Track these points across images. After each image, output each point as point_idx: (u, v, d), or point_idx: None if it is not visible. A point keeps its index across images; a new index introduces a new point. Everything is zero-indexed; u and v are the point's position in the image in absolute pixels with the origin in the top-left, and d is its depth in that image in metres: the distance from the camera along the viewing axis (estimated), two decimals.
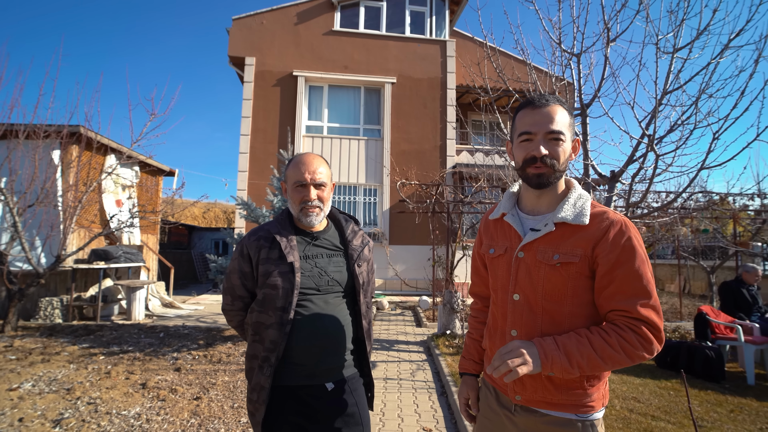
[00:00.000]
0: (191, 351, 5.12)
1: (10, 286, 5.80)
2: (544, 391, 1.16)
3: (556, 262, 1.14)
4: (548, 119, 1.15)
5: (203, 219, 31.31)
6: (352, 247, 1.60)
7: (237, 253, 1.55)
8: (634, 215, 5.44)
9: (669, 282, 14.14)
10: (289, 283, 1.43)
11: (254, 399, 1.44)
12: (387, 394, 4.12)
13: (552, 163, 1.16)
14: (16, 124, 5.88)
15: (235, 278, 1.54)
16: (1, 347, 5.08)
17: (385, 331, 7.28)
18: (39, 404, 3.41)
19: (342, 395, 1.50)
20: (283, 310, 1.42)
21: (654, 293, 1.08)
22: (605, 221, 1.13)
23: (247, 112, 11.89)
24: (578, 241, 1.14)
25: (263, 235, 1.53)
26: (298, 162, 1.54)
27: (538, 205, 1.25)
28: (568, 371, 1.05)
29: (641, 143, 4.82)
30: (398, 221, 11.73)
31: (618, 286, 1.09)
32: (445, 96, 12.51)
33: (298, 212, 1.53)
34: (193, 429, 3.07)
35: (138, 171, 9.23)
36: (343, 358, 1.53)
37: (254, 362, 1.47)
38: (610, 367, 1.06)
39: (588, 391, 1.15)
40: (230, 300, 1.57)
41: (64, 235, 6.04)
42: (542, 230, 1.18)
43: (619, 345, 1.04)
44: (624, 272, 1.08)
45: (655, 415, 3.57)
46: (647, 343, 1.05)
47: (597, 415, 1.16)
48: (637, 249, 1.10)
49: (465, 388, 1.43)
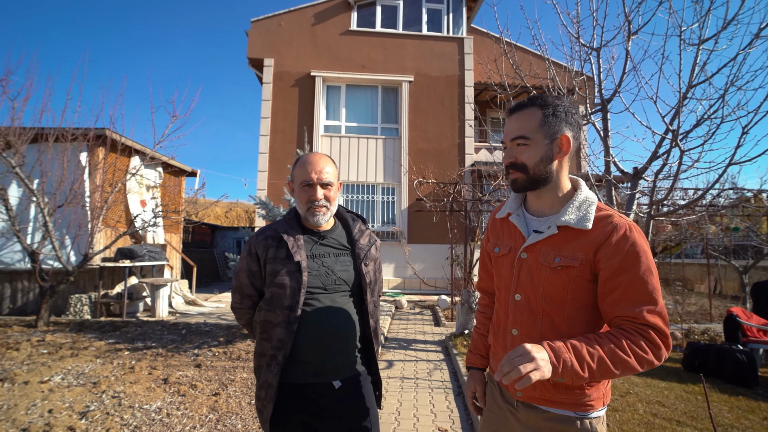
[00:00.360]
0: (211, 348, 5.23)
1: (42, 283, 6.04)
2: (543, 390, 1.17)
3: (557, 265, 1.14)
4: (513, 126, 1.17)
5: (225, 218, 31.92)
6: (359, 246, 1.61)
7: (245, 252, 1.56)
8: (659, 213, 5.27)
9: (698, 282, 13.65)
10: (296, 282, 1.45)
11: (262, 396, 1.46)
12: (403, 393, 4.12)
13: (522, 167, 1.17)
14: (47, 128, 6.12)
15: (244, 277, 1.56)
16: (35, 341, 5.30)
17: (403, 331, 7.27)
18: (67, 397, 3.54)
19: (349, 393, 1.50)
20: (291, 309, 1.43)
21: (660, 300, 1.06)
22: (609, 225, 1.12)
23: (266, 113, 12.05)
24: (580, 245, 1.13)
25: (271, 234, 1.54)
26: (305, 162, 1.54)
27: (541, 206, 1.25)
28: (580, 377, 1.01)
29: (665, 139, 4.66)
30: (417, 220, 11.69)
31: (623, 292, 1.07)
32: (463, 94, 12.39)
33: (305, 212, 1.54)
34: (211, 424, 3.13)
35: (161, 172, 9.47)
36: (350, 356, 1.54)
37: (262, 360, 1.49)
38: (620, 373, 1.03)
39: (587, 391, 1.15)
40: (239, 298, 1.59)
41: (91, 235, 6.25)
42: (545, 233, 1.18)
43: (630, 350, 1.02)
44: (628, 278, 1.06)
45: (680, 421, 3.45)
46: (656, 348, 1.04)
47: (596, 414, 1.16)
48: (641, 254, 1.07)
49: (472, 381, 1.44)
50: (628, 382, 4.47)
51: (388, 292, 11.17)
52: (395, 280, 11.76)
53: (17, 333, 5.72)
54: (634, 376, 4.65)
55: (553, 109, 1.15)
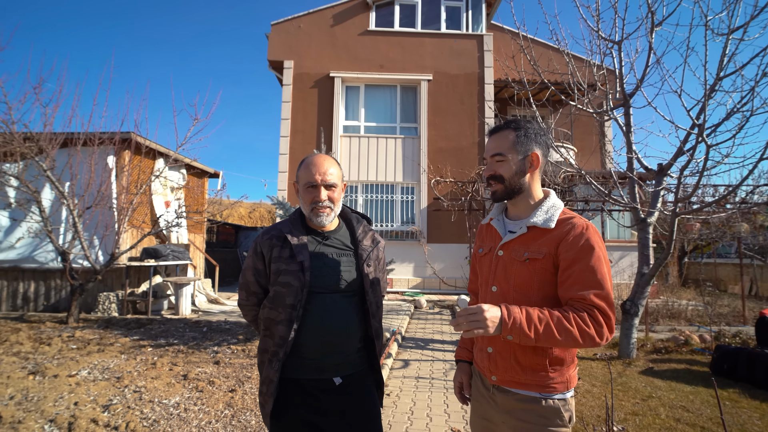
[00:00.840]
0: (230, 345, 5.34)
1: (72, 281, 6.30)
2: (513, 372, 1.33)
3: (525, 259, 1.33)
4: (492, 145, 1.39)
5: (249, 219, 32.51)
6: (362, 246, 1.63)
7: (251, 251, 1.60)
8: (684, 211, 5.07)
9: (732, 283, 13.07)
10: (299, 281, 1.47)
11: (264, 391, 1.50)
12: (418, 393, 4.10)
13: (500, 179, 1.38)
14: (75, 133, 6.38)
15: (250, 275, 1.59)
16: (65, 337, 5.53)
17: (421, 330, 7.24)
18: (92, 390, 3.69)
19: (349, 389, 1.54)
20: (293, 308, 1.47)
21: (607, 286, 1.23)
22: (568, 225, 1.30)
23: (286, 114, 12.22)
24: (545, 241, 1.31)
25: (275, 234, 1.57)
26: (309, 163, 1.57)
27: (517, 212, 1.44)
28: (526, 336, 1.17)
29: (691, 134, 4.49)
30: (436, 219, 11.62)
31: (576, 278, 1.24)
32: (482, 92, 12.25)
33: (309, 212, 1.57)
34: (226, 419, 3.20)
35: (185, 173, 9.73)
36: (350, 354, 1.56)
37: (265, 356, 1.53)
38: (563, 340, 1.18)
39: (551, 374, 1.30)
40: (245, 295, 1.63)
41: (118, 235, 6.48)
42: (517, 232, 1.39)
43: (574, 322, 1.18)
44: (581, 267, 1.24)
45: (705, 427, 3.32)
46: (598, 325, 1.19)
47: (559, 396, 1.31)
48: (594, 248, 1.25)
49: (459, 373, 1.60)
50: (651, 385, 4.33)
51: (408, 292, 11.16)
52: (415, 279, 11.73)
53: (50, 329, 5.99)
54: (659, 380, 4.49)
55: (524, 131, 1.36)
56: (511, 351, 1.32)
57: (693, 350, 5.70)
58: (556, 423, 1.30)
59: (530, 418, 1.30)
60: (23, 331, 5.75)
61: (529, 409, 1.31)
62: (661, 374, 4.73)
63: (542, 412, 1.29)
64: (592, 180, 5.47)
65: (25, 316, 6.86)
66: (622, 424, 3.35)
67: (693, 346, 5.83)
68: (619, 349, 5.37)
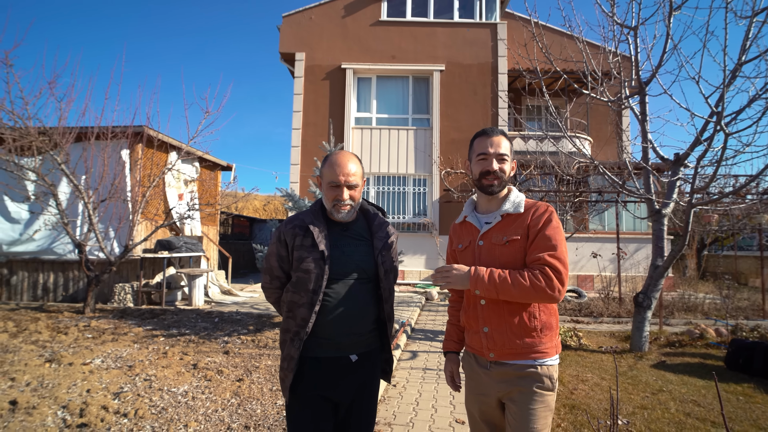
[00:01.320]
0: (241, 336, 5.41)
1: (88, 273, 6.46)
2: (510, 345, 1.51)
3: (505, 242, 1.56)
4: (497, 145, 1.60)
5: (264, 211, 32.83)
6: (377, 237, 1.76)
7: (275, 239, 1.74)
8: (700, 201, 4.92)
9: (753, 276, 12.71)
10: (319, 269, 1.60)
11: (285, 367, 1.64)
12: (424, 384, 4.10)
13: (501, 175, 1.60)
14: (88, 127, 6.50)
15: (273, 260, 1.73)
16: (81, 326, 5.69)
17: (431, 322, 7.24)
18: (104, 378, 3.78)
19: (363, 365, 1.70)
20: (314, 293, 1.60)
21: (560, 249, 1.48)
22: (533, 208, 1.57)
23: (298, 107, 12.23)
24: (518, 225, 1.57)
25: (298, 224, 1.69)
26: (333, 163, 1.68)
27: (489, 207, 1.68)
28: (488, 289, 1.47)
29: (709, 122, 4.34)
30: (448, 211, 11.55)
31: (536, 245, 1.50)
32: (496, 81, 12.05)
33: (330, 207, 1.70)
34: (232, 408, 3.25)
35: (198, 166, 9.85)
36: (365, 335, 1.72)
37: (287, 335, 1.66)
38: (518, 293, 1.43)
39: (542, 340, 1.51)
40: (269, 279, 1.77)
41: (132, 227, 6.60)
42: (493, 221, 1.63)
43: (527, 277, 1.44)
44: (540, 236, 1.50)
45: (716, 422, 3.24)
46: (548, 280, 1.42)
47: (550, 361, 1.52)
48: (552, 221, 1.52)
49: (449, 363, 1.79)
50: (662, 379, 4.25)
51: (419, 284, 11.15)
52: (427, 271, 11.71)
53: (67, 318, 6.16)
54: (670, 374, 4.40)
55: (510, 142, 1.66)
56: (507, 325, 1.51)
57: (708, 344, 5.57)
58: (546, 386, 1.50)
59: (524, 383, 1.49)
60: (42, 321, 5.93)
61: (524, 375, 1.49)
62: (674, 368, 4.64)
63: (535, 376, 1.49)
64: (605, 170, 5.34)
65: (44, 306, 7.07)
66: (629, 418, 3.29)
67: (708, 339, 5.70)
68: (631, 342, 5.28)
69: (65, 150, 6.02)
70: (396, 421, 3.26)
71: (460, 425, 3.22)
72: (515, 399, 1.52)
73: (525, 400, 1.49)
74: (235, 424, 2.98)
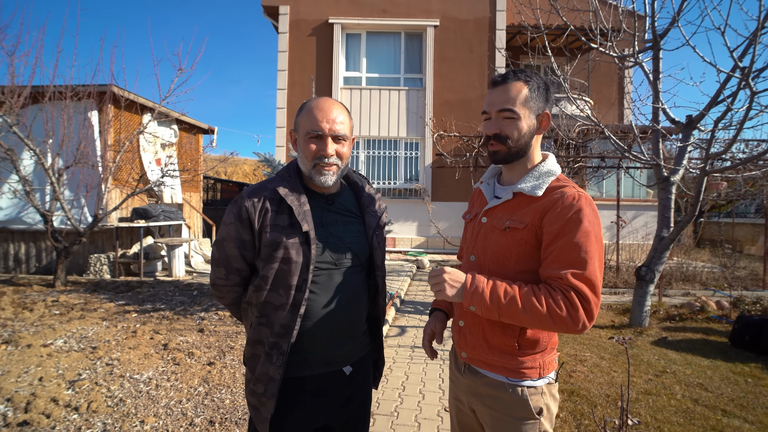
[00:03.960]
0: (218, 311, 5.10)
1: (56, 244, 6.04)
2: (480, 350, 1.22)
3: (506, 227, 1.19)
4: (502, 98, 1.19)
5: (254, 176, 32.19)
6: (369, 212, 1.41)
7: (233, 217, 1.26)
8: (714, 168, 4.54)
9: (749, 243, 12.58)
10: (303, 256, 1.21)
11: (260, 392, 1.23)
12: (412, 365, 3.84)
13: (505, 140, 1.20)
14: (44, 86, 5.88)
15: (232, 247, 1.27)
16: (49, 302, 5.34)
17: (422, 293, 6.98)
18: (63, 363, 3.46)
19: (357, 376, 1.38)
20: (297, 289, 1.21)
21: (591, 266, 1.07)
22: (557, 194, 1.15)
23: (283, 65, 11.48)
24: (530, 210, 1.18)
25: (268, 195, 1.25)
26: (314, 108, 1.27)
27: (511, 177, 1.29)
28: (488, 309, 1.09)
29: (731, 78, 3.88)
30: (441, 176, 11.12)
31: (556, 255, 1.10)
32: (493, 38, 11.32)
33: (309, 169, 1.28)
34: (199, 398, 2.95)
35: (176, 129, 9.25)
36: (360, 338, 1.39)
37: (259, 348, 1.26)
38: (528, 319, 1.06)
39: (520, 358, 1.18)
40: (224, 273, 1.30)
41: (101, 196, 6.13)
42: (503, 198, 1.25)
43: (545, 301, 1.06)
44: (564, 242, 1.09)
45: (726, 410, 2.99)
46: (573, 309, 1.05)
47: (530, 383, 1.18)
48: (583, 223, 1.09)
49: (433, 320, 1.40)
50: (665, 358, 4.01)
51: (411, 252, 10.88)
52: (418, 239, 11.42)
53: (35, 293, 5.80)
54: (673, 353, 4.17)
55: (536, 85, 1.19)
56: (479, 326, 1.21)
57: (709, 318, 5.35)
58: (520, 414, 1.17)
59: (495, 405, 1.20)
60: (7, 296, 5.56)
61: (495, 396, 1.20)
62: (676, 345, 4.41)
63: (507, 400, 1.18)
64: (610, 134, 4.91)
65: (13, 279, 6.69)
66: (633, 405, 3.04)
67: (709, 313, 5.48)
68: (631, 316, 5.04)
69: (15, 111, 5.43)
70: (379, 410, 2.98)
71: (448, 414, 2.95)
72: (487, 422, 1.24)
73: (497, 427, 1.21)
74: (198, 418, 2.68)
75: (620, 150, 5.04)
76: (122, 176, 7.35)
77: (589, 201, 1.12)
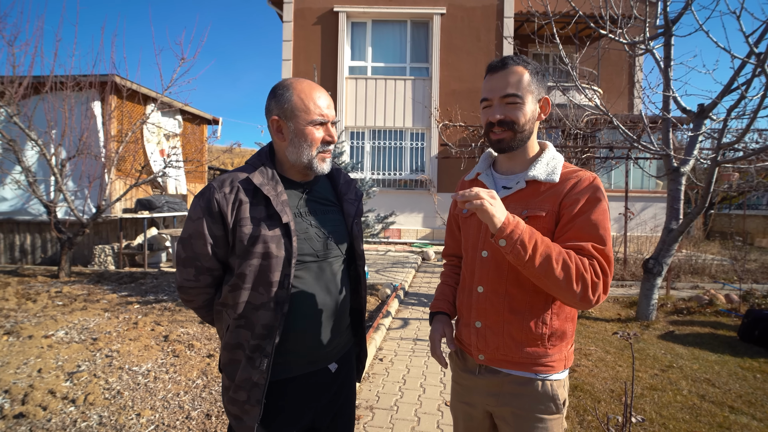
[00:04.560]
0: None
1: (60, 235, 6.06)
2: (506, 349, 1.17)
3: (524, 216, 1.14)
4: (503, 83, 1.16)
5: None
6: (347, 200, 1.36)
7: (202, 211, 1.15)
8: (726, 159, 4.40)
9: (761, 236, 12.34)
10: (285, 250, 1.15)
11: (242, 399, 1.15)
12: (413, 358, 3.80)
13: (512, 126, 1.16)
14: (44, 76, 5.85)
15: (201, 245, 1.16)
16: (53, 293, 5.36)
17: (426, 285, 6.93)
18: (62, 354, 3.46)
19: (342, 372, 1.33)
20: (280, 286, 1.14)
21: (609, 245, 1.08)
22: (574, 178, 1.15)
23: (287, 55, 11.37)
24: (547, 197, 1.15)
25: (242, 185, 1.16)
26: (310, 92, 1.20)
27: (512, 166, 1.26)
28: (523, 247, 1.01)
29: (746, 64, 3.74)
30: (447, 167, 11.01)
31: (576, 231, 1.09)
32: (501, 26, 11.10)
33: (312, 157, 1.21)
34: (197, 390, 2.93)
35: (180, 120, 9.21)
36: (343, 333, 1.34)
37: (238, 353, 1.17)
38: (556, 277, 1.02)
39: (549, 351, 1.16)
40: (194, 273, 1.20)
41: (104, 186, 6.12)
42: (514, 188, 1.21)
43: (576, 260, 1.04)
44: (584, 219, 1.09)
45: (734, 406, 2.92)
46: (595, 275, 1.03)
47: (557, 376, 1.17)
48: (602, 202, 1.11)
49: (439, 325, 1.33)
50: (671, 353, 3.93)
51: (416, 243, 10.82)
52: (424, 230, 11.35)
53: (39, 283, 5.83)
54: (680, 347, 4.09)
55: (534, 69, 1.18)
56: (502, 325, 1.17)
57: (718, 311, 5.25)
58: (550, 409, 1.16)
59: (519, 403, 1.17)
60: (11, 286, 5.60)
61: (520, 393, 1.17)
62: (683, 339, 4.32)
63: (535, 396, 1.16)
64: (619, 124, 4.78)
65: (19, 270, 6.74)
66: (638, 400, 2.98)
67: (718, 306, 5.37)
68: (638, 309, 4.95)
69: (15, 101, 5.40)
70: (379, 403, 2.95)
71: (449, 408, 2.91)
72: (509, 421, 1.20)
73: (521, 426, 1.17)
74: (195, 411, 2.66)
75: (629, 140, 4.91)
76: (125, 167, 7.34)
77: (600, 183, 1.15)
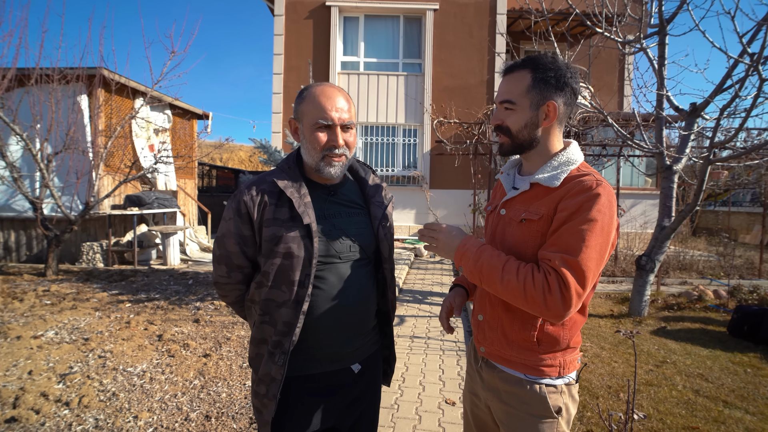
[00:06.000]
0: (214, 300, 5.03)
1: (46, 232, 5.92)
2: (499, 345, 1.19)
3: (522, 219, 1.16)
4: (503, 88, 1.18)
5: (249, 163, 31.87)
6: (374, 203, 1.35)
7: (232, 212, 1.22)
8: (718, 158, 4.47)
9: (744, 232, 12.60)
10: (305, 250, 1.18)
11: (262, 393, 1.21)
12: (411, 355, 3.79)
13: (507, 132, 1.17)
14: (29, 69, 5.68)
15: (232, 244, 1.24)
16: (40, 291, 5.24)
17: (420, 281, 6.94)
18: (53, 356, 3.38)
19: (366, 374, 1.34)
20: (300, 285, 1.18)
21: (586, 256, 1.00)
22: (575, 183, 1.10)
23: (279, 49, 11.23)
24: (546, 201, 1.13)
25: (267, 188, 1.21)
26: (319, 95, 1.21)
27: (528, 167, 1.25)
28: (471, 271, 1.11)
29: (739, 64, 3.78)
30: (439, 164, 11.01)
31: (555, 239, 1.06)
32: (494, 23, 11.10)
33: (317, 161, 1.23)
34: (194, 391, 2.89)
35: (170, 115, 9.05)
36: (368, 335, 1.35)
37: (262, 348, 1.23)
38: (503, 291, 1.06)
39: (540, 355, 1.15)
40: (226, 270, 1.27)
41: (92, 183, 5.99)
42: (520, 189, 1.21)
43: (524, 276, 1.03)
44: (566, 228, 1.04)
45: (727, 401, 2.97)
46: (548, 292, 1.00)
47: (549, 381, 1.15)
48: (591, 211, 1.03)
49: (453, 294, 1.38)
50: (665, 348, 3.99)
51: (408, 240, 10.83)
52: (416, 226, 11.35)
53: (26, 282, 5.69)
54: (672, 342, 4.15)
55: (543, 73, 1.13)
56: (498, 321, 1.19)
57: (707, 307, 5.34)
58: (538, 412, 1.14)
59: (513, 402, 1.17)
60: None
61: (512, 392, 1.17)
62: (675, 335, 4.39)
63: (525, 397, 1.15)
64: (613, 122, 4.82)
65: (3, 268, 6.57)
66: (635, 397, 3.00)
67: (707, 302, 5.47)
68: (630, 306, 5.02)
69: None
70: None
71: (449, 406, 2.91)
72: (503, 421, 1.20)
73: (513, 425, 1.17)
74: (194, 413, 2.62)
75: (623, 138, 4.95)
76: (114, 162, 7.19)
77: (608, 191, 1.06)
